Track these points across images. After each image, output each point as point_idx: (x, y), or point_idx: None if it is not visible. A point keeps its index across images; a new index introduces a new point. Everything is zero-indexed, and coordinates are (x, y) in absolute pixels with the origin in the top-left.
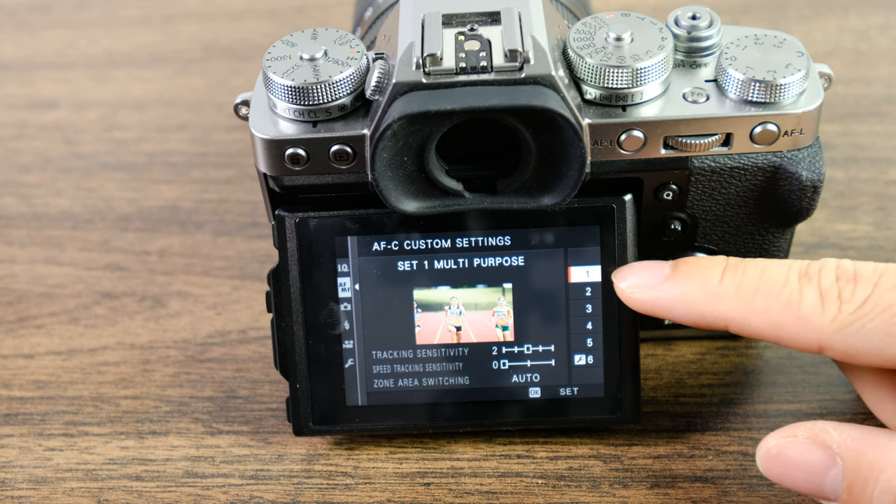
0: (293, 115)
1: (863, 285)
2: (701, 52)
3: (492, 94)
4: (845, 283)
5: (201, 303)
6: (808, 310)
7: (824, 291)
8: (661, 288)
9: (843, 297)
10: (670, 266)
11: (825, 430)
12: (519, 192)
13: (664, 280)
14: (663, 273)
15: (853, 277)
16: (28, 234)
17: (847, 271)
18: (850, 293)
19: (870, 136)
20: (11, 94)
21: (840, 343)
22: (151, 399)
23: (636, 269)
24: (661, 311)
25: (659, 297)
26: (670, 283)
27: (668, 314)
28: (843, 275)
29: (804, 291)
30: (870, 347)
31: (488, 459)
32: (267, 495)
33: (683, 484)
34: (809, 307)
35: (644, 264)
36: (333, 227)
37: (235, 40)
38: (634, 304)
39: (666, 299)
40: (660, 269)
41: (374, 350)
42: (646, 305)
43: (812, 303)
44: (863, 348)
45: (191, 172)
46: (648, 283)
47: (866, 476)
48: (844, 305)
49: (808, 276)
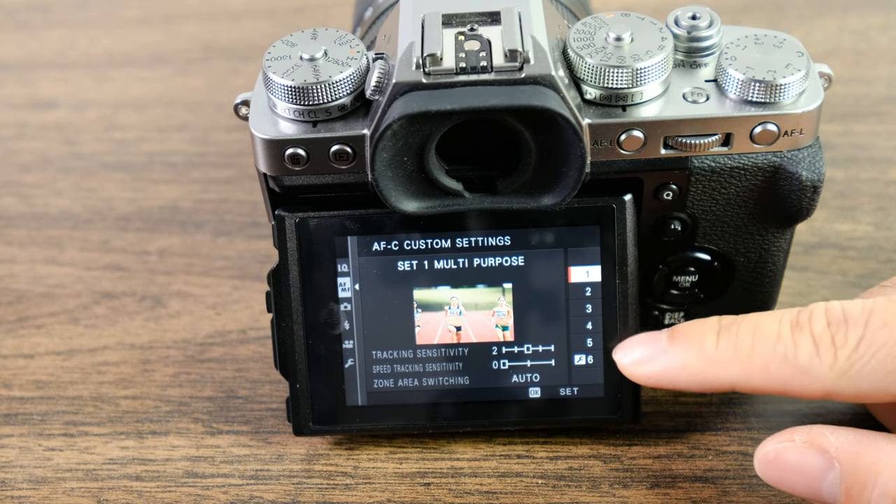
0: (293, 115)
1: (854, 328)
2: (701, 52)
3: (492, 94)
4: (837, 329)
5: (201, 303)
6: (805, 361)
7: (818, 339)
8: (662, 360)
9: (836, 343)
10: (667, 336)
11: (822, 434)
12: (519, 192)
13: (663, 352)
14: (661, 345)
15: (843, 321)
16: (28, 234)
17: (837, 315)
18: (843, 338)
19: (870, 136)
20: (11, 94)
21: (844, 388)
22: (151, 399)
23: (635, 343)
24: (667, 383)
25: (662, 370)
26: (670, 355)
27: (675, 385)
28: (834, 319)
29: (798, 343)
30: (873, 387)
31: (488, 459)
32: (267, 495)
33: (683, 484)
34: (806, 358)
35: (642, 338)
36: (333, 227)
37: (235, 40)
38: (640, 380)
39: (669, 371)
40: (658, 342)
41: (374, 350)
42: (651, 380)
43: (808, 353)
44: (867, 389)
45: (191, 172)
46: (648, 356)
47: (864, 479)
48: (840, 351)
49: (800, 325)
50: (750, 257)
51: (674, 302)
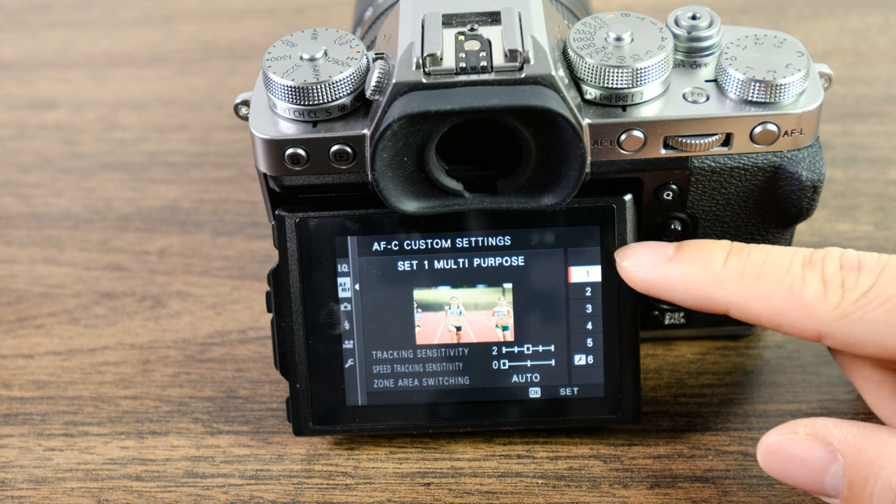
0: (293, 115)
1: (867, 275)
2: (701, 52)
3: (492, 94)
4: (849, 272)
5: (201, 303)
6: (810, 297)
7: (827, 279)
8: (664, 268)
9: (846, 286)
10: (674, 247)
11: (826, 427)
12: (519, 192)
13: (667, 261)
14: (667, 254)
15: (857, 267)
16: (28, 234)
17: (851, 260)
18: (853, 282)
19: (870, 136)
20: (11, 94)
21: (840, 331)
22: (151, 399)
23: (639, 248)
24: (662, 291)
25: (661, 277)
26: (673, 264)
27: (670, 295)
28: (847, 264)
29: (807, 278)
30: (870, 337)
31: (488, 459)
32: (267, 495)
33: (683, 484)
34: (812, 294)
35: (648, 244)
36: (333, 227)
37: (235, 40)
38: (636, 283)
39: (668, 280)
40: (663, 250)
41: (374, 350)
42: (647, 285)
43: (814, 290)
44: (863, 338)
45: (190, 172)
46: (651, 262)
47: (867, 473)
48: (847, 294)
49: (812, 263)
50: None
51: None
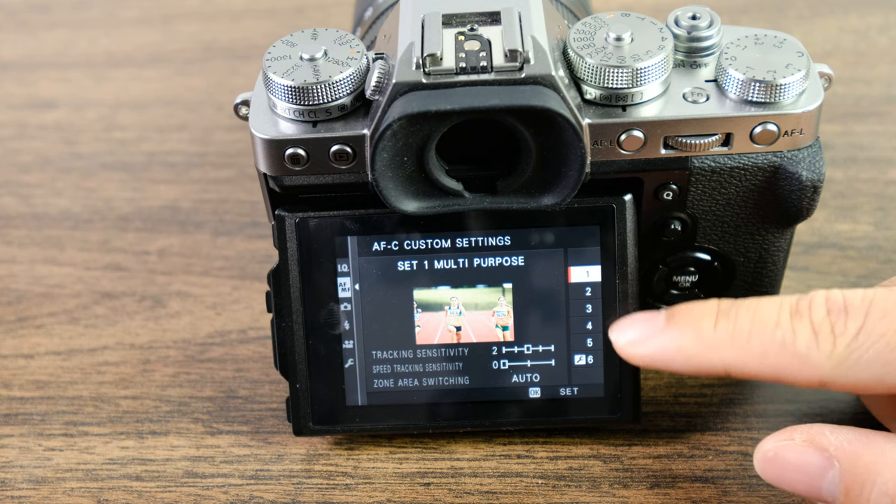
0: (293, 115)
1: (854, 317)
2: (701, 52)
3: (492, 94)
4: (836, 317)
5: (201, 303)
6: (803, 348)
7: (817, 327)
8: (658, 341)
9: (836, 332)
10: (664, 317)
11: (822, 433)
12: (519, 192)
13: (660, 332)
14: (658, 325)
15: (844, 309)
16: (28, 234)
17: (837, 303)
18: (842, 327)
19: (870, 136)
20: (11, 94)
21: (841, 377)
22: (151, 399)
23: (631, 322)
24: (661, 364)
25: (657, 351)
26: (667, 337)
27: (669, 367)
28: (834, 307)
29: (797, 330)
30: (870, 378)
31: (488, 459)
32: (267, 495)
33: (683, 484)
34: (804, 345)
35: (638, 317)
36: (333, 227)
37: (235, 40)
38: (634, 359)
39: (664, 353)
40: (654, 322)
41: (374, 350)
42: (646, 360)
43: (806, 340)
44: (863, 379)
45: (190, 172)
46: (644, 336)
47: (863, 479)
48: (839, 340)
49: (799, 312)
50: (750, 257)
51: (674, 302)
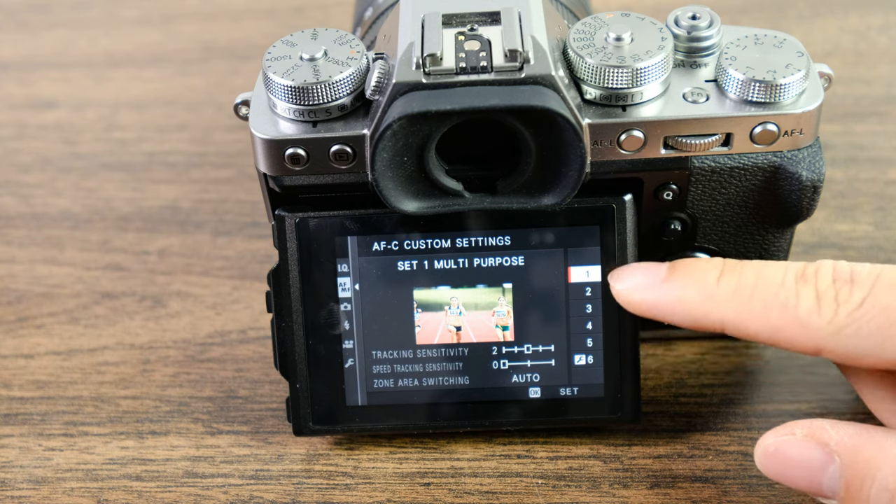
0: (293, 115)
1: (860, 287)
2: (701, 52)
3: (492, 94)
4: (842, 285)
5: (201, 303)
6: (805, 312)
7: (821, 293)
8: (659, 290)
9: (839, 299)
10: (667, 268)
11: (823, 428)
12: (519, 192)
13: (661, 282)
14: (660, 275)
15: (850, 279)
16: (28, 234)
17: (844, 273)
18: (846, 295)
19: (870, 136)
20: (11, 94)
21: (838, 345)
22: (151, 399)
23: (633, 270)
24: (658, 313)
25: (656, 299)
26: (667, 286)
27: (666, 317)
28: (840, 276)
29: (801, 294)
30: (867, 349)
31: (488, 459)
32: (267, 495)
33: (683, 484)
34: (806, 309)
35: (641, 266)
36: (333, 227)
37: (235, 40)
38: (631, 306)
39: (663, 301)
40: (657, 271)
41: (374, 350)
42: (642, 307)
43: (809, 305)
44: (860, 350)
45: (190, 172)
46: (645, 284)
47: (864, 474)
48: (841, 307)
49: (805, 278)
50: (750, 257)
51: None
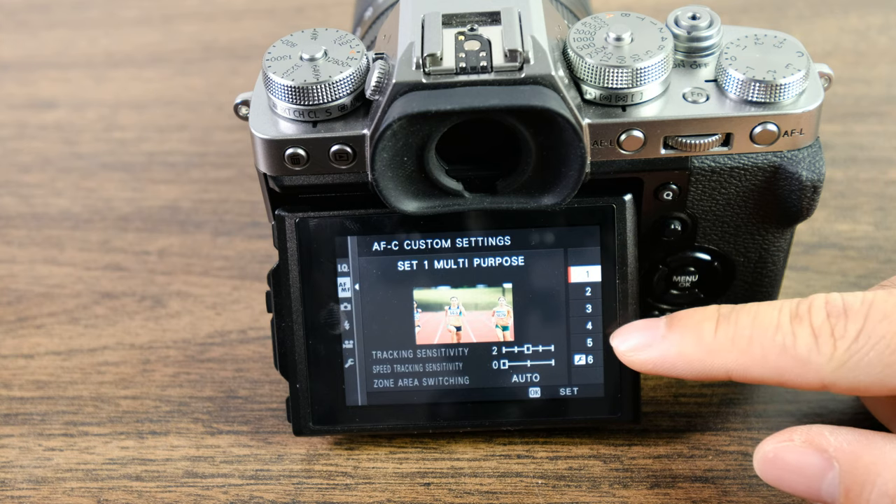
0: (293, 115)
1: (854, 319)
2: (701, 52)
3: (492, 94)
4: (836, 320)
5: (201, 303)
6: (803, 351)
7: (817, 330)
8: (660, 347)
9: (836, 334)
10: (665, 323)
11: (821, 434)
12: (519, 192)
13: (661, 339)
14: (659, 332)
15: (843, 312)
16: (28, 234)
17: (836, 306)
18: (842, 329)
19: (870, 136)
20: (11, 94)
21: (841, 380)
22: (151, 399)
23: (632, 329)
24: (663, 370)
25: (659, 356)
26: (668, 342)
27: (672, 372)
28: (833, 311)
29: (797, 333)
30: (871, 380)
31: (488, 459)
32: (267, 495)
33: (683, 484)
34: (805, 348)
35: (640, 324)
36: (333, 227)
37: (235, 40)
38: (636, 366)
39: (666, 359)
40: (655, 328)
41: (374, 350)
42: (648, 366)
43: (807, 344)
44: (864, 382)
45: (190, 172)
46: (646, 343)
47: (863, 480)
48: (839, 342)
49: (799, 316)
50: (750, 257)
51: (674, 302)
